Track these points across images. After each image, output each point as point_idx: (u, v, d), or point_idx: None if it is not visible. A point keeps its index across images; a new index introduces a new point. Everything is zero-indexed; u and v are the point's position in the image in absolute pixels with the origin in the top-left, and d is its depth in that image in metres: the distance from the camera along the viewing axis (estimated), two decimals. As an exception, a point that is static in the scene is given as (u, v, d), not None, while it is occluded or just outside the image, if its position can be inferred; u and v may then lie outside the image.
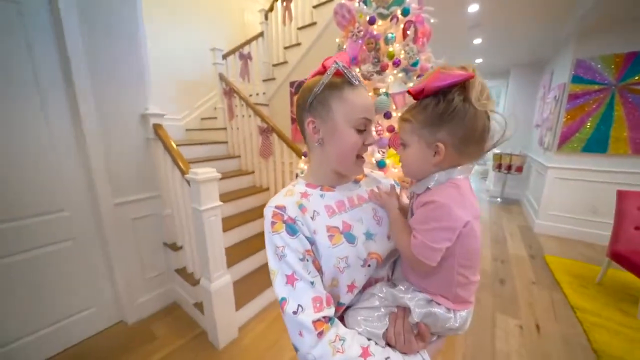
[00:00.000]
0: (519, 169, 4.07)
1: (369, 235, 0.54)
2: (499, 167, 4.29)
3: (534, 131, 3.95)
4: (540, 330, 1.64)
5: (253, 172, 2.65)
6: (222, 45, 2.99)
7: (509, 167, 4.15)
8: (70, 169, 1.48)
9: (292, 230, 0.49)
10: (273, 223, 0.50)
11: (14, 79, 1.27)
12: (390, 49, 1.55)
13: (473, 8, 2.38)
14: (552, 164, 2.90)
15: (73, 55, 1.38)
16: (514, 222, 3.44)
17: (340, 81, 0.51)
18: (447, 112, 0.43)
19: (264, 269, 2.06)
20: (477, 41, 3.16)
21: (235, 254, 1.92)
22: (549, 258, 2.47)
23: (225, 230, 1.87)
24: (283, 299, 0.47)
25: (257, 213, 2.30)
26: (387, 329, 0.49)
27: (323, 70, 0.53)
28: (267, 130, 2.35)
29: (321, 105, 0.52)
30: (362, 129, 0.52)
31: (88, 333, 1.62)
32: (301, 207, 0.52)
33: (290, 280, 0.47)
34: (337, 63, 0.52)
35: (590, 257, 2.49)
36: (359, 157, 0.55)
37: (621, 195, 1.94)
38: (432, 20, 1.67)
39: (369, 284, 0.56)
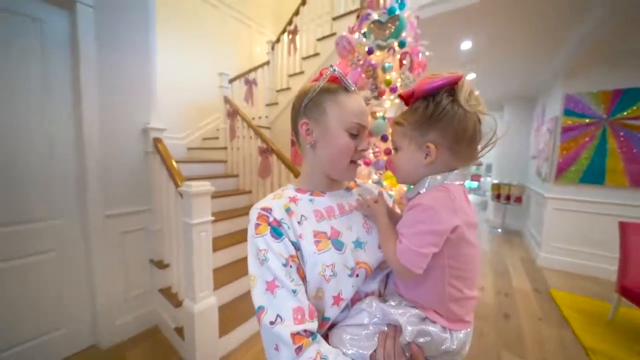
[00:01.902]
0: (519, 199, 4.04)
1: (358, 244, 0.53)
2: (498, 197, 4.27)
3: (531, 162, 3.99)
4: (551, 373, 1.49)
5: (250, 191, 2.64)
6: (229, 71, 3.14)
7: (508, 197, 4.13)
8: (66, 175, 1.46)
9: (276, 233, 0.48)
10: (257, 225, 0.49)
11: (23, 80, 1.30)
12: (388, 77, 1.63)
13: (466, 45, 2.54)
14: (551, 194, 2.88)
15: (84, 62, 1.43)
16: (516, 253, 3.33)
17: (336, 86, 0.53)
18: (436, 114, 0.44)
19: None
20: (471, 76, 3.30)
21: (223, 275, 1.83)
22: (555, 293, 2.34)
23: (215, 249, 1.81)
24: (260, 307, 0.44)
25: (251, 233, 2.23)
26: (375, 350, 0.44)
27: (320, 77, 0.55)
28: (267, 151, 2.39)
29: (316, 107, 0.53)
30: (355, 134, 0.52)
31: (53, 359, 1.45)
32: (288, 211, 0.51)
33: (271, 287, 0.44)
34: (332, 67, 0.53)
35: (598, 292, 2.36)
36: (352, 163, 0.54)
37: (624, 228, 1.89)
38: (427, 53, 1.76)
39: (358, 297, 0.52)
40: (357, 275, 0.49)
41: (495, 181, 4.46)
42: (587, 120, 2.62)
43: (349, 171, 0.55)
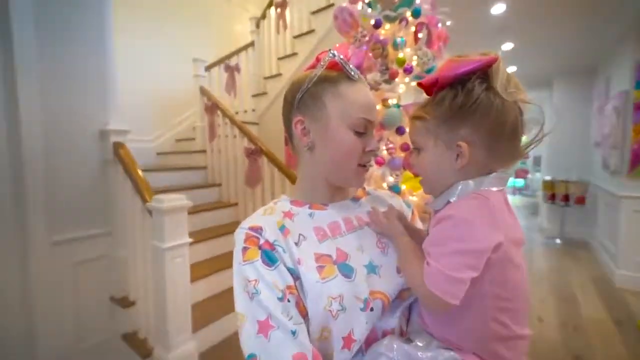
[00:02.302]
0: (581, 200, 3.96)
1: (371, 268, 0.52)
2: (552, 197, 4.20)
3: (594, 151, 3.94)
4: None
5: (236, 203, 2.65)
6: (205, 57, 3.19)
7: (567, 198, 4.05)
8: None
9: (269, 258, 0.48)
10: (245, 249, 0.49)
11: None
12: (400, 55, 1.62)
13: (498, 8, 2.53)
14: (626, 192, 2.81)
15: (19, 55, 1.45)
16: (584, 272, 3.24)
17: (336, 75, 0.54)
18: (467, 104, 0.44)
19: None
20: (508, 46, 3.31)
21: (205, 312, 1.81)
22: (642, 323, 2.24)
23: (195, 279, 1.82)
24: (251, 355, 0.43)
25: (238, 257, 2.23)
26: None
27: (317, 64, 0.56)
28: (256, 152, 2.41)
29: (312, 100, 0.54)
30: (362, 132, 0.54)
31: None
32: (283, 229, 0.52)
33: (264, 328, 0.44)
34: (331, 52, 0.54)
35: None
36: (360, 166, 0.55)
37: None
38: (448, 23, 1.75)
39: (374, 337, 0.51)
40: (372, 309, 0.49)
41: (548, 177, 4.38)
42: (667, 94, 2.57)
43: (356, 176, 0.56)
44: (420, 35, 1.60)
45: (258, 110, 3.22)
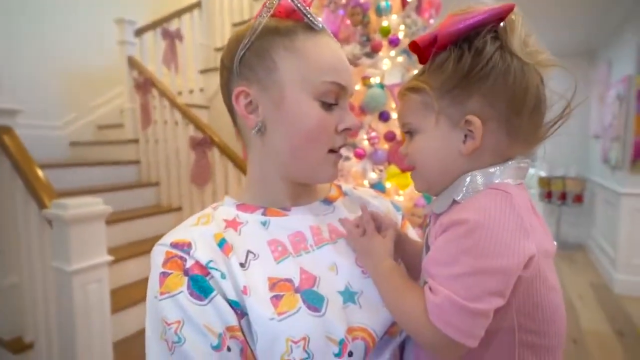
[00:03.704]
0: (578, 199, 4.22)
1: (349, 296, 0.49)
2: (548, 196, 4.43)
3: (593, 144, 4.18)
4: None
5: (179, 208, 2.60)
6: (137, 18, 3.01)
7: (564, 196, 4.30)
8: None
9: (200, 288, 0.43)
10: (163, 276, 0.44)
11: None
12: (385, 23, 1.62)
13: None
14: (627, 188, 2.98)
15: None
16: (582, 278, 3.44)
17: (291, 24, 0.50)
18: (477, 68, 0.41)
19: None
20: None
21: (137, 350, 1.70)
22: (646, 334, 2.40)
23: (120, 307, 1.76)
24: None
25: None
26: None
27: (262, 11, 0.51)
28: (204, 143, 2.36)
29: (258, 60, 0.49)
30: (332, 102, 0.49)
31: None
32: (222, 245, 0.47)
33: None
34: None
35: None
36: (331, 152, 0.52)
37: None
38: None
39: None
40: (351, 354, 0.44)
41: (543, 173, 4.63)
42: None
43: (327, 167, 0.52)
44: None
45: (208, 91, 3.14)
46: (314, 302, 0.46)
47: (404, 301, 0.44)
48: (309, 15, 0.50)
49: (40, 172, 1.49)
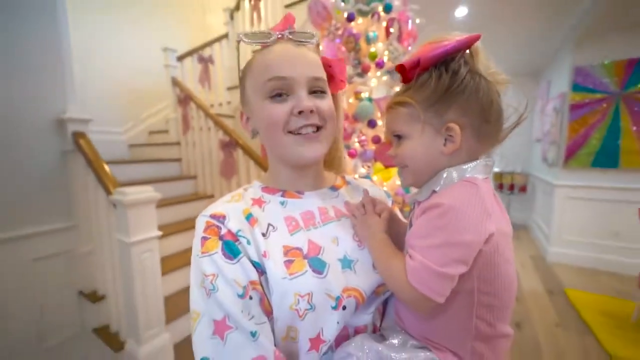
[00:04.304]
0: (523, 189, 4.19)
1: (346, 263, 0.47)
2: (500, 187, 4.40)
3: (535, 146, 4.14)
4: (575, 388, 1.50)
5: (212, 195, 2.54)
6: (178, 47, 2.97)
7: (512, 187, 4.27)
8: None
9: (231, 251, 0.43)
10: (204, 240, 0.44)
11: None
12: (373, 49, 1.58)
13: (461, 12, 2.53)
14: (560, 181, 2.97)
15: None
16: (525, 251, 3.43)
17: (256, 52, 0.50)
18: (454, 86, 0.41)
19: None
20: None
21: (179, 304, 1.70)
22: (570, 293, 2.40)
23: (167, 271, 1.72)
24: (204, 359, 0.38)
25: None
26: None
27: None
28: (231, 144, 2.31)
29: (242, 89, 0.51)
30: (277, 94, 0.46)
31: None
32: (249, 218, 0.46)
33: (220, 329, 0.39)
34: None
35: (620, 290, 2.45)
36: (291, 134, 0.47)
37: (644, 215, 1.95)
38: (417, 21, 1.74)
39: (345, 335, 0.47)
40: (345, 308, 0.44)
41: (497, 170, 4.58)
42: (599, 96, 2.70)
43: (295, 147, 0.47)
44: (391, 30, 1.57)
45: (233, 104, 3.06)
46: (318, 266, 0.45)
47: (390, 266, 0.43)
48: (260, 38, 0.49)
49: (106, 167, 1.46)
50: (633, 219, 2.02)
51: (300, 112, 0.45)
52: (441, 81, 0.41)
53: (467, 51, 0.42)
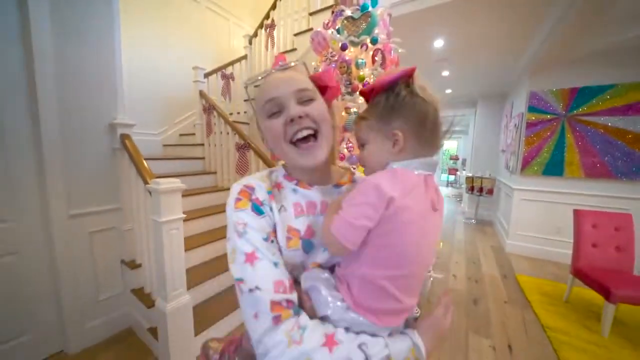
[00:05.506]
0: (490, 191, 4.22)
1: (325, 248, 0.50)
2: (471, 189, 4.44)
3: (501, 156, 4.17)
4: (513, 350, 1.58)
5: (229, 188, 2.50)
6: (206, 65, 3.03)
7: (481, 190, 4.31)
8: (21, 173, 1.36)
9: (258, 210, 0.46)
10: (238, 200, 0.47)
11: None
12: (361, 73, 1.63)
13: (438, 43, 2.58)
14: (518, 186, 3.03)
15: (38, 56, 1.33)
16: (488, 242, 3.49)
17: (257, 87, 0.52)
18: (397, 103, 0.45)
19: (230, 291, 1.91)
20: (445, 73, 3.40)
21: (198, 274, 1.77)
22: (520, 277, 2.47)
23: (189, 248, 1.78)
24: (239, 279, 0.42)
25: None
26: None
27: None
28: (245, 147, 2.35)
29: (256, 118, 0.54)
30: (274, 112, 0.48)
31: (15, 368, 1.36)
32: (270, 194, 0.49)
33: (250, 258, 0.42)
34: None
35: (558, 275, 2.53)
36: (291, 143, 0.48)
37: (578, 215, 2.02)
38: (400, 50, 1.79)
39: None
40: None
41: (469, 174, 4.63)
42: (549, 116, 2.77)
43: (294, 155, 0.49)
44: (376, 58, 1.61)
45: (249, 113, 3.13)
46: (307, 247, 0.48)
47: (326, 220, 0.46)
48: (262, 75, 0.51)
49: (145, 162, 1.50)
50: (571, 218, 2.10)
51: (291, 120, 0.47)
52: (389, 101, 0.45)
53: (410, 79, 0.45)
